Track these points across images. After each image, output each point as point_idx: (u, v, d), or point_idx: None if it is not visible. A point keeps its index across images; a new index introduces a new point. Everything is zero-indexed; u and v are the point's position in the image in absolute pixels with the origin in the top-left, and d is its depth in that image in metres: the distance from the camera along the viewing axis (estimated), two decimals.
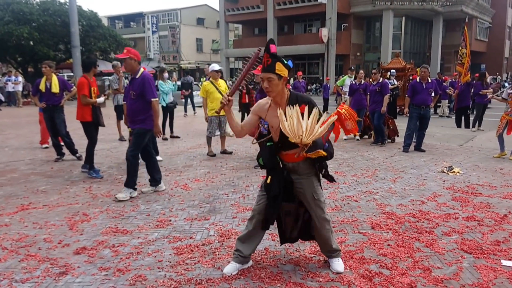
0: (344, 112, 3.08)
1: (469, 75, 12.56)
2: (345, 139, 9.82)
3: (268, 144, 3.07)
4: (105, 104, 6.77)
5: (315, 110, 2.77)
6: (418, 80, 8.47)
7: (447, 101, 15.85)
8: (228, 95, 2.96)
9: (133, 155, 5.20)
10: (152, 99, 5.16)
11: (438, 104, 16.94)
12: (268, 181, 3.05)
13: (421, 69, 8.47)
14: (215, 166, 7.03)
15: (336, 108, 3.19)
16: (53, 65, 7.43)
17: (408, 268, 3.26)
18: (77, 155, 7.49)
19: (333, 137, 3.12)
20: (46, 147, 8.62)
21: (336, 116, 2.98)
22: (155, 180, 5.52)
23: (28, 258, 3.48)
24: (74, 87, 7.81)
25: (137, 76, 5.17)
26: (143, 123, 5.20)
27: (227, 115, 3.05)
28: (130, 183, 5.22)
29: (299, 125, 2.69)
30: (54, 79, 7.26)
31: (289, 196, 3.10)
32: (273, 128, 3.00)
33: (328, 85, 17.19)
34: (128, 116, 5.38)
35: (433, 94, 8.46)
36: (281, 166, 3.05)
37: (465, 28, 13.00)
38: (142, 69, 5.20)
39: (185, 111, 15.60)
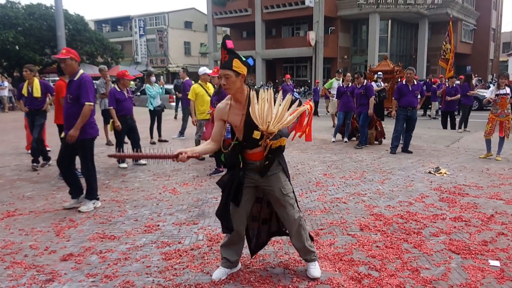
0: (308, 108, 3.03)
1: (452, 71, 12.84)
2: (333, 141, 9.86)
3: (234, 142, 3.01)
4: None
5: (288, 96, 2.72)
6: (404, 82, 8.55)
7: (437, 102, 15.94)
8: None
9: (88, 169, 4.92)
10: (86, 103, 4.72)
11: (429, 106, 17.10)
12: (225, 178, 3.00)
13: (407, 71, 8.55)
14: (204, 169, 7.00)
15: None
16: (34, 69, 7.26)
17: (396, 270, 3.27)
18: (34, 164, 7.10)
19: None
20: None
21: (308, 106, 2.94)
22: (76, 191, 5.03)
23: (14, 265, 3.42)
24: None
25: (75, 78, 4.80)
26: (83, 133, 4.78)
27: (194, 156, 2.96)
28: (93, 195, 4.97)
29: (270, 110, 2.65)
30: (36, 83, 7.12)
31: (239, 197, 3.00)
32: (237, 128, 2.94)
33: (318, 88, 17.26)
34: (65, 122, 4.92)
35: (419, 96, 8.54)
36: (241, 165, 2.98)
37: (450, 23, 13.22)
38: (81, 71, 4.85)
39: (176, 111, 15.61)
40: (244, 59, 2.84)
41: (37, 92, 7.09)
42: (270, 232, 3.37)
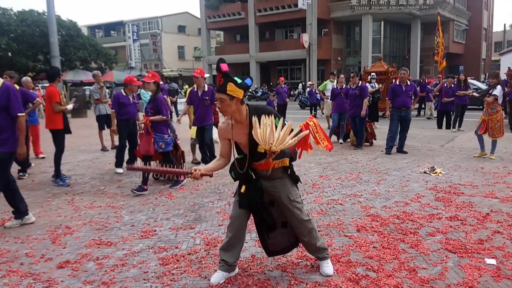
0: (312, 125, 3.07)
1: (444, 62, 13.17)
2: None
3: (238, 157, 3.06)
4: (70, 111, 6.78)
5: (288, 124, 2.75)
6: (397, 83, 8.58)
7: (431, 103, 16.01)
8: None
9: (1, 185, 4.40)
10: (19, 114, 4.31)
11: (423, 107, 17.19)
12: (242, 190, 3.03)
13: (401, 72, 8.59)
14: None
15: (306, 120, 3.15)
16: (15, 76, 6.98)
17: (394, 270, 3.28)
18: (21, 173, 6.96)
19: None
20: None
21: (308, 131, 2.96)
22: (20, 211, 4.61)
23: (10, 274, 3.39)
24: (37, 99, 7.58)
25: None
26: (4, 145, 4.27)
27: (207, 174, 3.01)
28: (21, 211, 4.58)
29: (271, 134, 2.68)
30: None
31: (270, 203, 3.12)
32: (242, 144, 3.00)
33: (314, 90, 17.20)
34: None
35: (413, 97, 8.57)
36: (253, 177, 3.02)
37: (438, 17, 13.43)
38: (1, 80, 4.36)
39: (177, 115, 15.59)
40: (239, 81, 2.83)
41: None
42: (288, 240, 3.36)
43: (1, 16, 25.35)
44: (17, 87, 6.87)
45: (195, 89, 7.18)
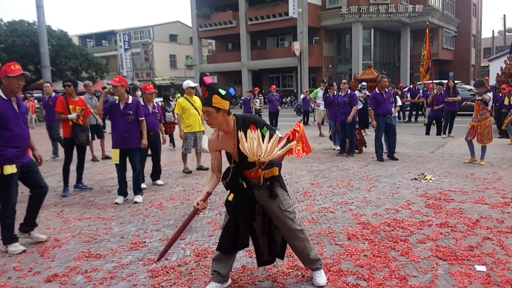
0: (299, 130, 3.07)
1: (428, 76, 13.28)
2: (333, 149, 9.87)
3: (231, 165, 3.05)
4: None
5: (275, 136, 2.75)
6: (377, 91, 8.58)
7: (430, 109, 16.16)
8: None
9: None
10: None
11: (413, 112, 17.36)
12: (230, 198, 3.03)
13: (383, 79, 8.59)
14: (191, 183, 6.96)
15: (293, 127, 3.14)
16: None
17: (384, 278, 3.27)
18: None
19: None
20: None
21: (294, 142, 2.96)
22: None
23: None
24: None
25: None
26: None
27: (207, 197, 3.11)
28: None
29: (259, 147, 2.69)
30: None
31: (254, 214, 3.09)
32: (232, 153, 3.00)
33: (308, 97, 17.28)
34: None
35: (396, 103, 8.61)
36: (245, 186, 3.02)
37: (427, 30, 13.50)
38: None
39: None
40: (224, 92, 2.84)
41: None
42: (275, 250, 3.34)
43: None
44: None
45: (117, 101, 5.80)
